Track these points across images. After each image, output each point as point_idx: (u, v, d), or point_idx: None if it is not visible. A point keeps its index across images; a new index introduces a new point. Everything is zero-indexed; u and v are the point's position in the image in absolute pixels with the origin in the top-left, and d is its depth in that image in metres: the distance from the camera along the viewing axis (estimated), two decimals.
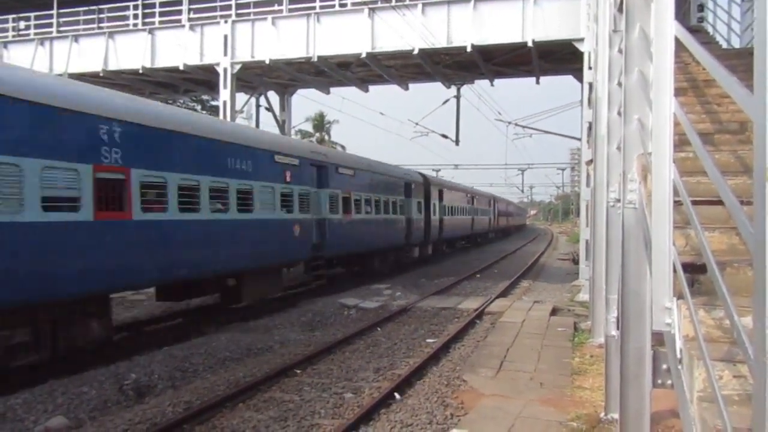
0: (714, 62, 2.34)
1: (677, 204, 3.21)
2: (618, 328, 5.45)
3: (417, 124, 30.65)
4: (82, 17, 22.27)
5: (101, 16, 22.16)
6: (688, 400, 2.69)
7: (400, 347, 10.43)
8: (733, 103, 5.62)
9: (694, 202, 2.98)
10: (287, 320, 12.63)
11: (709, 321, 2.87)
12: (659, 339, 4.31)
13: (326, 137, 52.09)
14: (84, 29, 22.18)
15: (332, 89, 25.81)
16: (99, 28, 22.05)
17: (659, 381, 4.53)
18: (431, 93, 26.70)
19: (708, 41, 10.50)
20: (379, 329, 12.03)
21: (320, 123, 51.63)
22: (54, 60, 22.01)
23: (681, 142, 4.26)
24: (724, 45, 10.97)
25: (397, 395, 7.56)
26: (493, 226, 49.93)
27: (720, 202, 3.42)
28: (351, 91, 27.23)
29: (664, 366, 4.46)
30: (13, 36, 22.95)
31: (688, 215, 2.79)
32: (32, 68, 17.68)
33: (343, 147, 49.93)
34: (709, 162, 2.38)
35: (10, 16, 22.90)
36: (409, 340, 11.03)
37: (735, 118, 5.61)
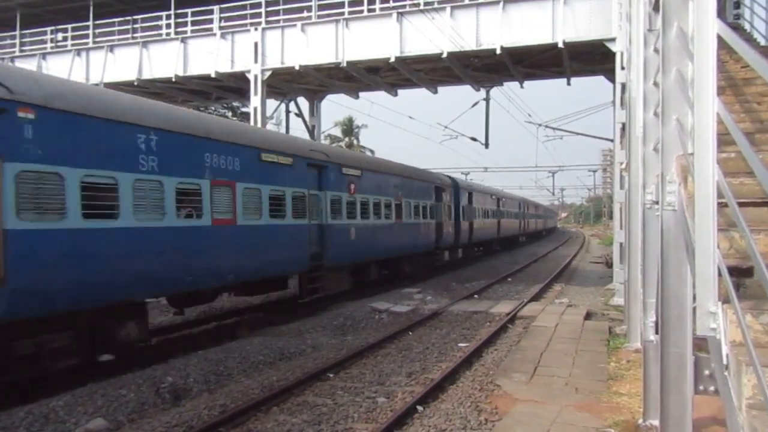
0: (762, 60, 2.28)
1: (720, 206, 3.13)
2: (657, 333, 5.34)
3: (446, 127, 30.47)
4: (117, 28, 22.78)
5: (135, 26, 22.63)
6: (736, 408, 2.61)
7: (432, 351, 10.39)
8: None
9: (739, 204, 2.90)
10: (318, 324, 12.68)
11: (756, 326, 2.80)
12: (698, 344, 4.20)
13: (355, 141, 52.37)
14: (119, 39, 22.68)
15: (361, 94, 25.88)
16: (133, 38, 22.53)
17: (701, 387, 4.41)
18: (460, 96, 26.65)
19: (746, 38, 10.24)
20: (410, 333, 12.01)
21: (349, 127, 51.99)
22: (90, 70, 22.57)
23: (721, 143, 4.16)
24: (763, 42, 10.69)
25: (419, 407, 7.30)
26: (543, 226, 72.16)
27: (767, 204, 3.33)
28: (380, 96, 27.32)
29: (706, 372, 4.35)
30: (51, 47, 23.60)
31: (734, 217, 2.71)
32: (70, 78, 18.15)
33: (372, 151, 50.11)
34: (757, 162, 2.31)
35: (48, 28, 23.56)
36: (441, 344, 10.98)
37: None
